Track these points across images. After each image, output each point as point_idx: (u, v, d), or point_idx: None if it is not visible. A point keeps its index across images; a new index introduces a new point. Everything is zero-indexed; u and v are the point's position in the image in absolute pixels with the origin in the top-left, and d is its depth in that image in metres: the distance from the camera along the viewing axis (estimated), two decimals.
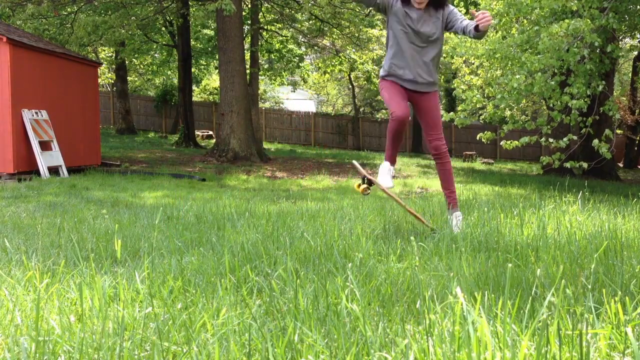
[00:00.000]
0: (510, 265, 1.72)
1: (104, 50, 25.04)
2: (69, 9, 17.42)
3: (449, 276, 2.29)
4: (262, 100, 33.06)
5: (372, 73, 24.72)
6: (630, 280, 2.18)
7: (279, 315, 1.89)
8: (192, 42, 24.18)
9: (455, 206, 3.93)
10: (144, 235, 3.80)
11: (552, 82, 8.76)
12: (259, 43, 20.22)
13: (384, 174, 3.95)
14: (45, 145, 11.24)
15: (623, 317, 1.65)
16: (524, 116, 12.82)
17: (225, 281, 2.29)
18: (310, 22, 20.91)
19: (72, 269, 2.62)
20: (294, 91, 37.14)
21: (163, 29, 23.29)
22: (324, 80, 32.56)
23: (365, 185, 4.04)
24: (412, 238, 2.32)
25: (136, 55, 25.03)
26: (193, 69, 26.32)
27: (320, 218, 4.30)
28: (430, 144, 3.88)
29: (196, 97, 31.32)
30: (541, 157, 9.92)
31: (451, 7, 3.79)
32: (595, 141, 8.59)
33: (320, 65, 26.31)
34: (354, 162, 4.40)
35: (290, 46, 23.99)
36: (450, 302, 1.75)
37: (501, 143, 9.74)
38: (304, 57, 25.86)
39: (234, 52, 15.79)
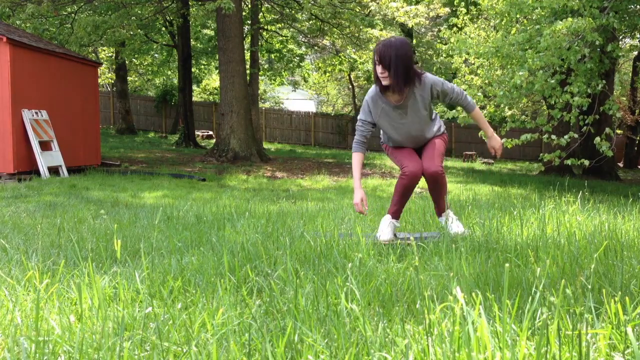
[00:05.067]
0: (507, 265, 1.72)
1: (104, 50, 25.04)
2: (69, 9, 17.42)
3: (448, 276, 2.29)
4: (262, 100, 33.06)
5: (372, 73, 24.65)
6: (630, 280, 2.18)
7: (279, 315, 1.89)
8: (192, 42, 24.18)
9: (445, 209, 3.64)
10: (143, 235, 3.80)
11: (553, 81, 8.78)
12: (259, 43, 20.21)
13: (383, 227, 3.55)
14: (45, 145, 11.24)
15: (623, 317, 1.65)
16: (523, 116, 12.83)
17: (225, 281, 2.29)
18: (311, 22, 20.91)
19: (72, 269, 2.62)
20: (294, 91, 37.15)
21: (163, 29, 23.28)
22: (324, 80, 32.55)
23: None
24: (411, 238, 2.31)
25: (136, 56, 25.03)
26: (193, 69, 26.32)
27: (320, 218, 4.30)
28: (429, 169, 3.50)
29: (196, 97, 31.33)
30: (541, 154, 9.93)
31: (430, 81, 3.43)
32: (597, 139, 8.61)
33: (320, 65, 26.30)
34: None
35: (290, 46, 23.99)
36: (450, 303, 1.75)
37: (502, 141, 9.76)
38: (304, 57, 25.85)
39: (234, 52, 15.79)
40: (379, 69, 3.35)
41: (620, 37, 16.02)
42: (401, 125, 3.55)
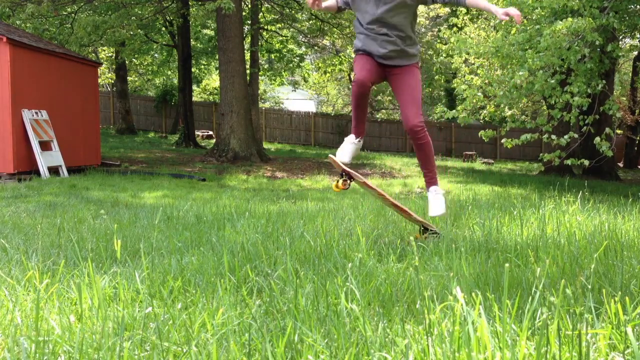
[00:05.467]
0: (507, 265, 1.72)
1: (104, 50, 25.03)
2: (69, 9, 17.41)
3: (448, 276, 2.29)
4: (262, 100, 33.05)
5: None
6: (630, 280, 2.18)
7: (279, 315, 1.89)
8: (192, 42, 24.18)
9: (433, 184, 3.52)
10: (143, 235, 3.80)
11: (553, 81, 8.78)
12: (259, 43, 20.21)
13: (344, 146, 3.78)
14: (45, 145, 11.24)
15: (623, 317, 1.65)
16: (523, 116, 12.83)
17: (225, 281, 2.29)
18: (311, 22, 20.90)
19: (72, 269, 2.62)
20: (294, 91, 37.14)
21: (163, 29, 23.28)
22: (324, 80, 32.55)
23: (344, 179, 3.73)
24: (411, 238, 2.31)
25: (136, 55, 25.02)
26: (193, 69, 26.31)
27: (320, 218, 4.29)
28: (407, 123, 3.41)
29: (196, 97, 31.32)
30: (541, 154, 9.93)
31: None
32: (597, 139, 8.61)
33: (320, 65, 26.29)
34: (331, 155, 3.90)
35: (290, 46, 23.98)
36: (450, 303, 1.74)
37: (502, 141, 9.76)
38: (304, 57, 25.85)
39: (234, 52, 15.79)
40: None
41: (620, 37, 16.02)
42: (377, 13, 3.38)
